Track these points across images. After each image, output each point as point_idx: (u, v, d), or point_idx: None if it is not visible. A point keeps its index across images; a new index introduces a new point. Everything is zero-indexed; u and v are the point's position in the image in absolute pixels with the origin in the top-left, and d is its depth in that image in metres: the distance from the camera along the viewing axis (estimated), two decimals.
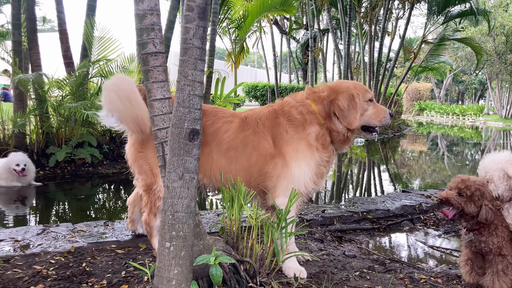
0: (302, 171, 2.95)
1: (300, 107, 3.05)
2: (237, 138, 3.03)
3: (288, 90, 24.66)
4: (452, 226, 4.67)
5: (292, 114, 3.05)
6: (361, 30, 19.71)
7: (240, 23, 11.45)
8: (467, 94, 58.58)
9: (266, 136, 3.02)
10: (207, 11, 2.09)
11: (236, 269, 2.50)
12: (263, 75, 39.27)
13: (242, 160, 3.01)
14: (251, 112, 3.20)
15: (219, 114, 3.12)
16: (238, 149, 3.02)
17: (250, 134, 3.03)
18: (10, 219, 4.93)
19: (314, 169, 3.00)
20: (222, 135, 3.03)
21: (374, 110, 3.10)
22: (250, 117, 3.13)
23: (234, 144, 3.02)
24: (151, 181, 3.01)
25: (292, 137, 2.99)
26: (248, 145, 3.01)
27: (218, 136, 3.02)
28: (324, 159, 3.03)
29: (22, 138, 7.38)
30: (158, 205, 3.02)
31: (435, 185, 7.73)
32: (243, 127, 3.07)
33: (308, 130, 3.00)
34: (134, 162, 3.07)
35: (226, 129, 3.05)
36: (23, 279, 2.73)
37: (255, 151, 3.00)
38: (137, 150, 3.04)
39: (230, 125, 3.07)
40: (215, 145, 3.01)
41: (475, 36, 27.23)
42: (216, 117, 3.10)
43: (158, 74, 2.36)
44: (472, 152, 14.14)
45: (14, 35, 7.40)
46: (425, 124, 29.69)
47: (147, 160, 3.01)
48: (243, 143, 3.02)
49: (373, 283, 2.94)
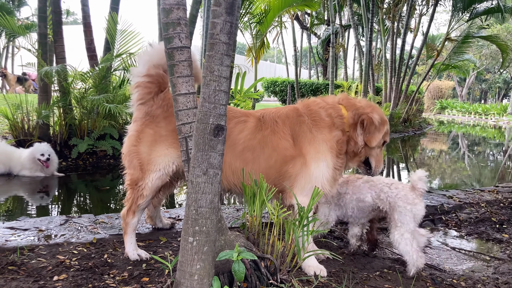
0: (321, 172, 2.95)
1: (330, 110, 3.07)
2: (254, 139, 2.98)
3: (307, 86, 24.53)
4: (474, 228, 4.58)
5: (320, 114, 3.04)
6: (383, 27, 19.43)
7: (261, 18, 11.40)
8: (491, 93, 57.38)
9: (286, 135, 2.99)
10: (235, 5, 2.07)
11: (257, 265, 2.49)
12: (282, 70, 39.14)
13: (259, 161, 2.97)
14: (267, 111, 3.16)
15: (229, 114, 3.06)
16: (256, 150, 2.97)
17: (269, 133, 3.00)
18: (34, 209, 5.03)
19: (331, 172, 3.01)
20: (236, 136, 2.98)
21: (380, 153, 3.29)
22: (268, 116, 3.08)
23: (251, 145, 2.97)
24: (138, 176, 3.00)
25: (315, 137, 2.98)
26: (267, 146, 2.98)
27: (231, 137, 2.97)
28: (339, 164, 3.07)
29: (46, 129, 7.51)
30: (139, 203, 3.01)
31: (456, 185, 7.60)
32: (260, 126, 3.02)
33: (333, 133, 3.02)
34: (126, 155, 3.06)
35: (240, 129, 3.00)
36: (47, 268, 2.78)
37: (274, 151, 2.97)
38: (131, 143, 3.03)
39: (244, 125, 3.02)
40: (229, 146, 2.95)
41: (501, 33, 26.63)
42: (227, 117, 3.06)
43: (183, 69, 2.37)
44: (494, 152, 13.86)
45: (40, 28, 7.52)
46: (446, 123, 29.20)
47: (139, 155, 2.99)
48: (261, 144, 2.98)
49: (394, 284, 2.91)
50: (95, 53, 8.33)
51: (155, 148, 2.97)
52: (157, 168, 2.98)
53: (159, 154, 2.97)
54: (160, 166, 2.98)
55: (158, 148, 2.97)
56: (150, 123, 3.00)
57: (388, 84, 18.39)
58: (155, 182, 3.00)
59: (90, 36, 8.23)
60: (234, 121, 3.04)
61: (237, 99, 7.87)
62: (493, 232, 4.45)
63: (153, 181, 2.99)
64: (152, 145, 2.98)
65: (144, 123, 3.01)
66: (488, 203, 5.50)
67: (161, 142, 2.96)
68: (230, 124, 2.99)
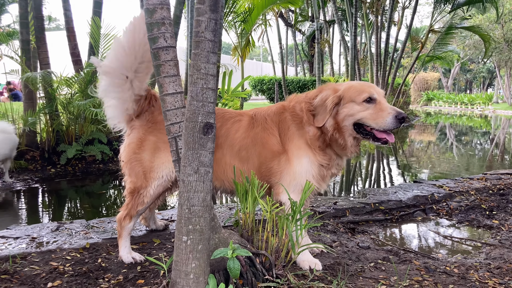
0: (303, 168, 2.89)
1: (302, 104, 2.98)
2: (248, 137, 2.99)
3: (294, 83, 24.57)
4: (465, 216, 4.64)
5: (296, 110, 2.98)
6: (367, 21, 19.55)
7: (245, 16, 11.40)
8: (475, 83, 58.04)
9: (274, 131, 2.97)
10: (219, 3, 2.07)
11: (252, 262, 2.50)
12: (269, 69, 39.14)
13: (253, 159, 2.97)
14: (260, 109, 3.15)
15: (226, 115, 3.08)
16: (249, 148, 2.97)
17: (260, 131, 2.99)
18: (25, 217, 4.98)
19: (317, 169, 2.93)
20: (233, 136, 2.99)
21: (372, 111, 2.79)
22: (259, 114, 3.08)
23: (245, 144, 2.98)
24: (141, 184, 2.97)
25: (294, 134, 2.93)
26: (257, 143, 2.97)
27: (229, 138, 2.98)
28: (323, 162, 2.93)
29: (33, 137, 7.43)
30: (138, 209, 3.00)
31: (446, 175, 7.68)
32: (252, 124, 3.03)
33: (306, 128, 2.93)
34: (127, 162, 3.00)
35: (236, 129, 3.01)
36: (41, 276, 2.76)
37: (264, 148, 2.96)
38: (133, 151, 2.99)
39: (239, 124, 3.03)
40: (227, 146, 2.96)
41: (483, 23, 26.95)
42: (224, 118, 3.06)
43: (170, 69, 2.36)
44: (482, 141, 14.03)
45: (22, 34, 7.43)
46: (433, 114, 29.47)
47: (142, 162, 2.96)
48: (253, 141, 2.98)
49: (388, 274, 2.93)
50: (80, 57, 8.27)
51: (158, 155, 2.95)
52: (160, 176, 2.96)
53: (162, 161, 2.94)
54: (163, 173, 2.96)
55: (161, 155, 2.94)
56: (153, 130, 2.98)
57: (374, 78, 18.52)
58: (157, 189, 2.99)
59: (74, 41, 8.16)
60: (231, 121, 3.04)
61: (225, 99, 7.85)
62: (483, 219, 4.51)
63: (156, 188, 2.98)
64: (155, 152, 2.95)
65: (147, 130, 2.98)
66: (478, 190, 5.57)
67: (164, 149, 2.94)
68: (227, 124, 3.01)
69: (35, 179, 6.64)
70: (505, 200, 5.13)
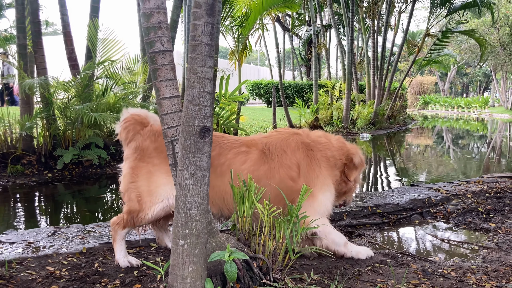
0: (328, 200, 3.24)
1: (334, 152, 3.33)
2: (259, 170, 3.05)
3: (292, 87, 24.62)
4: (462, 219, 4.65)
5: (327, 155, 3.29)
6: (364, 25, 19.60)
7: (242, 21, 11.39)
8: (472, 87, 58.26)
9: (294, 167, 3.11)
10: (215, 7, 2.08)
11: (249, 265, 2.49)
12: (266, 73, 39.24)
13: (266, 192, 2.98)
14: (270, 140, 3.21)
15: (224, 143, 3.10)
16: (261, 182, 3.01)
17: (276, 166, 3.08)
18: (21, 221, 4.95)
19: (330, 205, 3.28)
20: (239, 167, 3.01)
21: None
22: (273, 147, 3.14)
23: (256, 176, 3.01)
24: (135, 208, 2.97)
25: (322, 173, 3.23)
26: (273, 178, 3.05)
27: (234, 168, 2.98)
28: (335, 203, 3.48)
29: (29, 141, 7.40)
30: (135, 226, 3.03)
31: (443, 178, 7.69)
32: (265, 158, 3.10)
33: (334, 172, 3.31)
34: (125, 192, 3.04)
35: (242, 161, 3.04)
36: (37, 281, 2.74)
37: (281, 183, 3.03)
38: (128, 181, 3.01)
39: (247, 157, 3.07)
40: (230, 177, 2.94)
41: (479, 28, 27.09)
42: (222, 147, 3.07)
43: (167, 73, 2.36)
44: (478, 145, 14.07)
45: (19, 39, 7.42)
46: (430, 118, 29.55)
47: (137, 189, 2.98)
48: (267, 175, 3.05)
49: (386, 277, 2.93)
50: (77, 62, 8.25)
51: (153, 179, 2.96)
52: (159, 199, 2.96)
53: (158, 183, 2.95)
54: (163, 196, 2.96)
55: (156, 178, 2.96)
56: (142, 157, 3.01)
57: (371, 82, 18.56)
58: (157, 213, 2.99)
59: (71, 45, 8.15)
60: (233, 152, 3.07)
61: (222, 103, 7.86)
62: (480, 222, 4.52)
63: (155, 212, 2.98)
64: (149, 177, 2.97)
65: (136, 158, 3.01)
66: (474, 193, 5.58)
67: (157, 171, 2.95)
68: (228, 154, 3.04)
69: (31, 184, 6.62)
70: (502, 203, 5.14)
